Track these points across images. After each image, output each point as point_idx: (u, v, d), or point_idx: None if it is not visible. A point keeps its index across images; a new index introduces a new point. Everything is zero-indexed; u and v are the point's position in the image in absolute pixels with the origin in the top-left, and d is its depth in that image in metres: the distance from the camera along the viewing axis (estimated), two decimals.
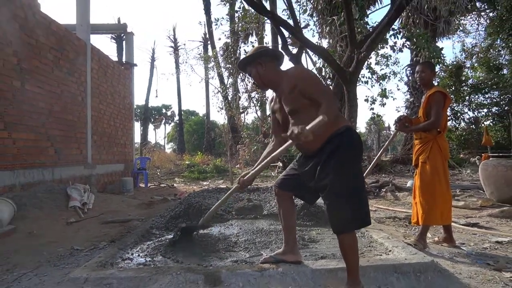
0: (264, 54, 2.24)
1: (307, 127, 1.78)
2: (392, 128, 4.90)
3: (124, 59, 10.35)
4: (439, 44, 14.95)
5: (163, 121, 49.70)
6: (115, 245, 3.02)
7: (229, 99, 20.63)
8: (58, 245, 3.35)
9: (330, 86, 10.86)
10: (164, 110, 50.59)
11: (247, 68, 2.28)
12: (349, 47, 8.12)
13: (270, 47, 2.38)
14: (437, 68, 13.49)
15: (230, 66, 18.24)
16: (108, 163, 7.89)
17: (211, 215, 2.71)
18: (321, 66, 11.25)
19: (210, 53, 22.12)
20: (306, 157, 2.16)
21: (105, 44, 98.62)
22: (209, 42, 25.83)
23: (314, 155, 2.07)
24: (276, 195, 2.34)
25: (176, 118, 43.08)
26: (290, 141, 1.94)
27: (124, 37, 12.77)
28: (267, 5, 11.33)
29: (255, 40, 14.65)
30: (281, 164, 14.70)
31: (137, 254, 2.75)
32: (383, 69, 11.89)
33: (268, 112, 19.00)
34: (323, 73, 11.41)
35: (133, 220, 4.52)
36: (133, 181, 8.24)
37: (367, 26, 7.98)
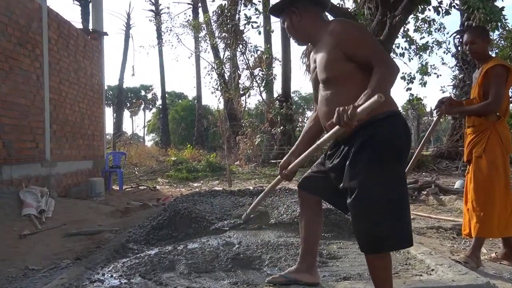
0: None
1: (359, 109, 1.67)
2: (435, 114, 4.82)
3: (91, 27, 10.31)
4: (499, 3, 14.70)
5: (142, 106, 49.81)
6: (81, 264, 3.02)
7: (226, 77, 20.57)
8: (8, 264, 3.35)
9: None
10: (143, 92, 50.72)
11: (280, 17, 2.30)
12: (379, 9, 8.02)
13: None
14: (496, 34, 13.31)
15: (226, 35, 18.17)
16: (72, 159, 7.91)
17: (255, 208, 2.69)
18: None
19: (201, 19, 22.07)
20: (335, 145, 2.11)
21: (66, 8, 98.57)
22: (199, 5, 25.69)
23: (344, 142, 2.02)
24: (299, 197, 2.34)
25: (159, 102, 43.17)
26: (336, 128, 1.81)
27: None
28: None
29: (259, 2, 14.55)
30: None
31: (109, 275, 2.75)
32: (424, 37, 11.71)
33: (276, 94, 18.96)
34: None
35: (105, 232, 4.53)
36: (104, 183, 8.26)
37: None
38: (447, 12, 8.52)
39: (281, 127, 16.58)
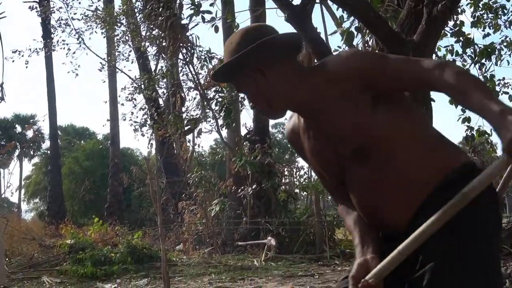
0: (265, 48, 2.19)
1: None
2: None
3: None
4: None
5: (17, 151, 49.32)
6: None
7: (161, 103, 20.60)
8: None
9: None
10: (19, 128, 50.34)
11: (234, 82, 2.41)
12: None
13: (271, 28, 2.31)
14: None
15: (160, 33, 18.31)
16: None
17: None
18: (352, 31, 11.38)
19: (117, 7, 22.30)
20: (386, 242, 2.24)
21: None
22: None
23: (399, 236, 2.07)
24: None
25: (46, 144, 42.80)
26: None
27: None
28: None
29: None
30: (273, 243, 14.56)
31: None
32: (489, 34, 11.88)
33: (244, 130, 18.97)
34: (360, 46, 11.52)
35: None
36: None
37: None
38: None
39: (254, 186, 16.43)
